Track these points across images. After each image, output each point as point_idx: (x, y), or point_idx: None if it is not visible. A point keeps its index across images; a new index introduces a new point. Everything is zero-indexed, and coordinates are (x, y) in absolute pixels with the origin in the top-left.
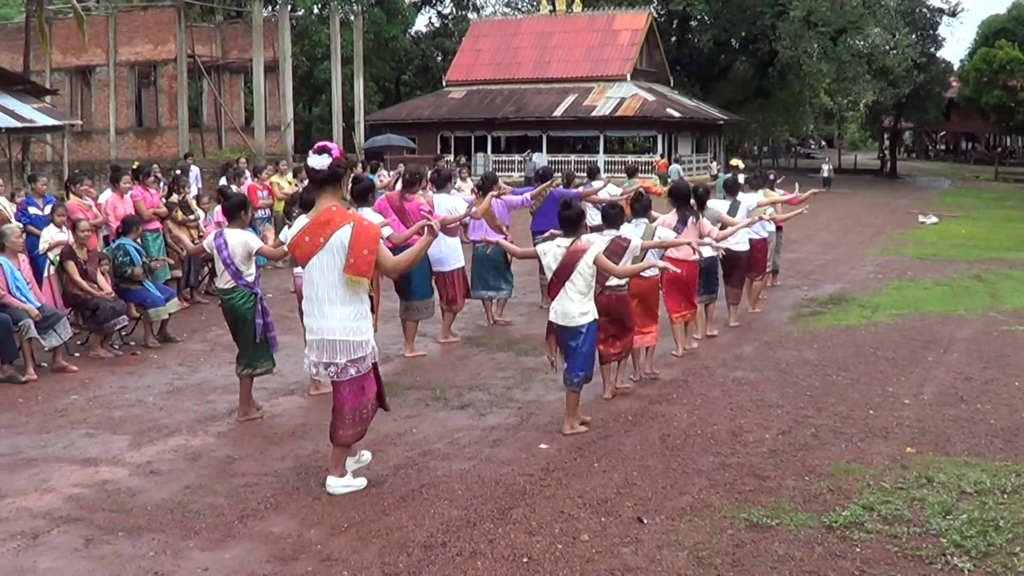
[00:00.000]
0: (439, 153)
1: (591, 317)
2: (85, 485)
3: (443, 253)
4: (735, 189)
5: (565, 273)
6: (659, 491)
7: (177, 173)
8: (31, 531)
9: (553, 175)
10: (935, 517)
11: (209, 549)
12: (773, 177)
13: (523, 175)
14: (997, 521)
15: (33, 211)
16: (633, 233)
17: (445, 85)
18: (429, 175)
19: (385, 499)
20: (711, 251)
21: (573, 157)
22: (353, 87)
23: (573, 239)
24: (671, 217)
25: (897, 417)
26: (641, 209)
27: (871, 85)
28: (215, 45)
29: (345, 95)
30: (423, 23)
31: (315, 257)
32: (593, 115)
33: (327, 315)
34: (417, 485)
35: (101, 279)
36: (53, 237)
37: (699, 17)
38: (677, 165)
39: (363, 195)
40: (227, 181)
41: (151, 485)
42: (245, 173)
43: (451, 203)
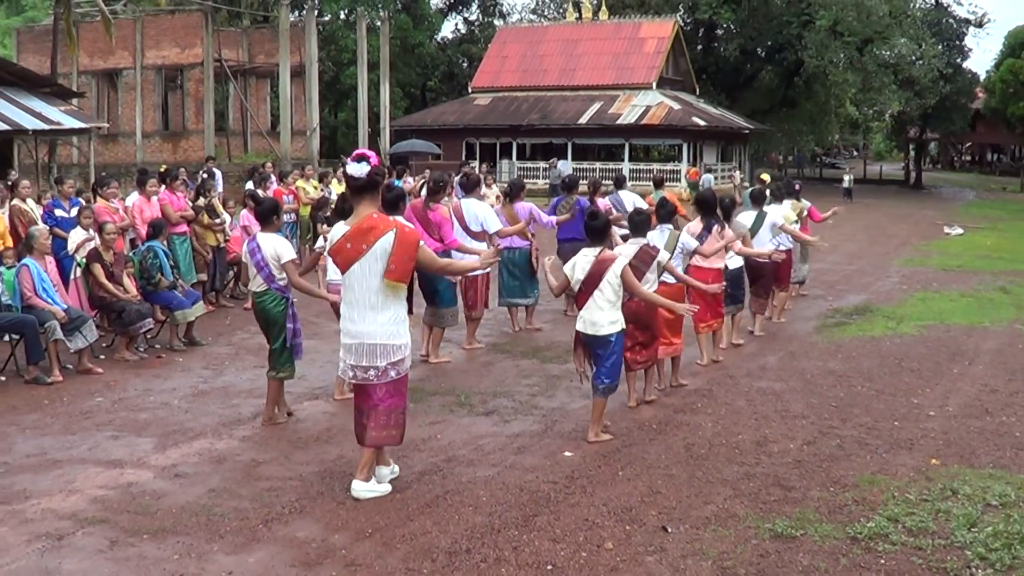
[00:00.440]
0: (464, 160)
1: (620, 326)
2: (110, 487)
3: (471, 257)
4: (761, 200)
5: (593, 283)
6: (683, 500)
7: (203, 177)
8: (56, 532)
9: (578, 183)
10: (960, 529)
11: (234, 553)
12: (799, 188)
13: (548, 183)
14: (1022, 534)
15: (60, 213)
16: (659, 240)
17: (471, 91)
18: (457, 180)
19: (410, 505)
20: (738, 261)
21: (598, 165)
22: (379, 92)
23: (600, 249)
24: (695, 225)
25: (922, 429)
26: (666, 215)
27: (897, 95)
28: (242, 49)
29: (371, 100)
30: (449, 29)
31: (356, 264)
32: (618, 123)
33: (367, 320)
34: (442, 491)
35: (127, 281)
36: (81, 238)
37: (725, 26)
38: (709, 175)
39: (395, 203)
40: (253, 185)
41: (176, 488)
42: (271, 177)
43: (479, 209)
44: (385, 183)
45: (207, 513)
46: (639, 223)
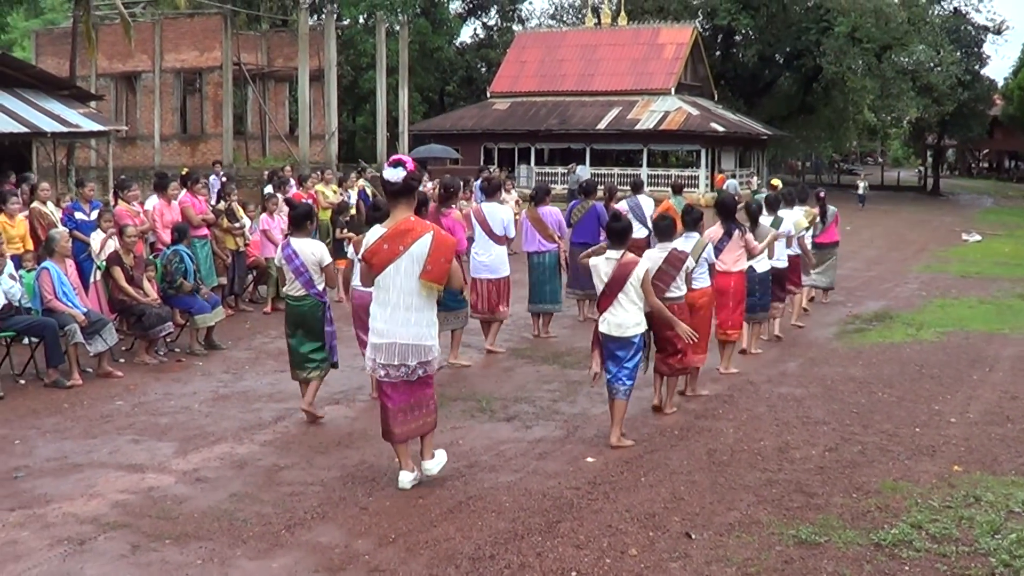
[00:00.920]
0: (483, 164)
1: (643, 327)
2: (131, 491)
3: (493, 261)
4: (776, 206)
5: (617, 285)
6: (706, 506)
7: (223, 180)
8: (78, 537)
9: (596, 189)
10: (984, 536)
11: (257, 558)
12: (823, 194)
13: (566, 188)
14: None
15: (80, 216)
16: (686, 247)
17: (489, 96)
18: (479, 184)
19: (432, 510)
20: (766, 265)
21: (616, 170)
22: (398, 97)
23: (622, 252)
24: (716, 230)
25: (944, 435)
26: (692, 222)
27: (915, 102)
28: (261, 53)
29: (389, 105)
30: (468, 34)
31: (392, 265)
32: (637, 128)
33: (400, 321)
34: (464, 497)
35: (147, 285)
36: (104, 240)
37: (744, 32)
38: (734, 180)
39: (418, 209)
40: (272, 189)
41: (197, 493)
42: (290, 181)
43: (503, 213)
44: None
45: (229, 518)
46: (664, 228)
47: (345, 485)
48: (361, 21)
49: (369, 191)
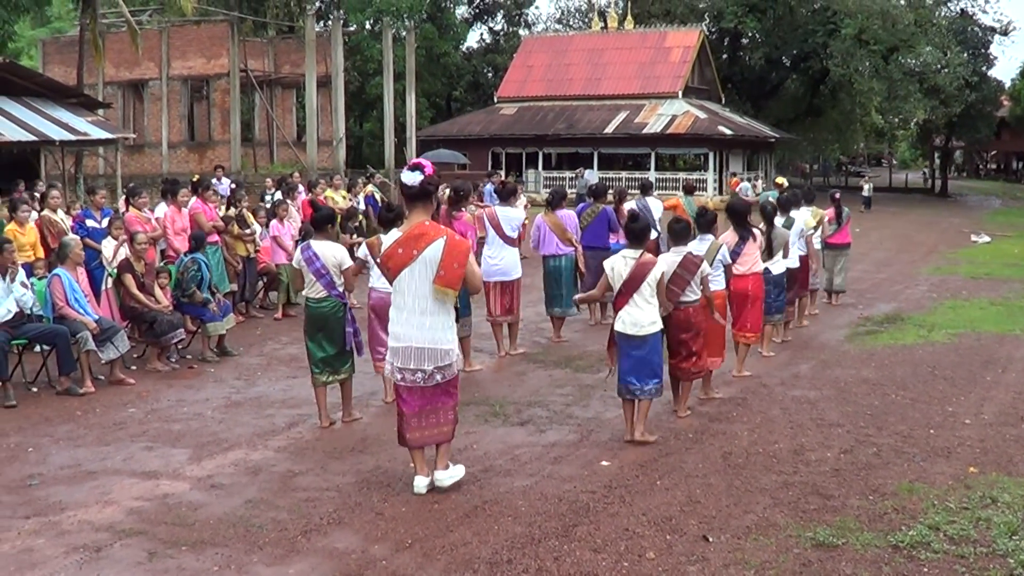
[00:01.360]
0: (492, 169)
1: (659, 326)
2: (146, 498)
3: (506, 263)
4: (787, 207)
5: (634, 284)
6: (723, 509)
7: (233, 187)
8: (94, 544)
9: (606, 192)
10: (1001, 537)
11: (273, 564)
12: (838, 196)
13: (574, 192)
14: None
15: (91, 224)
16: (700, 250)
17: (496, 101)
18: (494, 188)
19: (448, 515)
20: (781, 267)
21: (624, 174)
22: (405, 102)
23: (640, 251)
24: (730, 236)
25: (958, 437)
26: (706, 225)
27: (922, 104)
28: (267, 60)
29: (397, 110)
30: (475, 39)
31: (407, 269)
32: (644, 132)
33: (415, 324)
34: (480, 501)
35: (158, 292)
36: (116, 247)
37: (750, 35)
38: (747, 184)
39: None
40: (282, 195)
41: (212, 499)
42: (299, 187)
43: (514, 215)
44: None
45: (245, 524)
46: (679, 231)
47: (360, 490)
48: (368, 27)
49: (377, 196)
